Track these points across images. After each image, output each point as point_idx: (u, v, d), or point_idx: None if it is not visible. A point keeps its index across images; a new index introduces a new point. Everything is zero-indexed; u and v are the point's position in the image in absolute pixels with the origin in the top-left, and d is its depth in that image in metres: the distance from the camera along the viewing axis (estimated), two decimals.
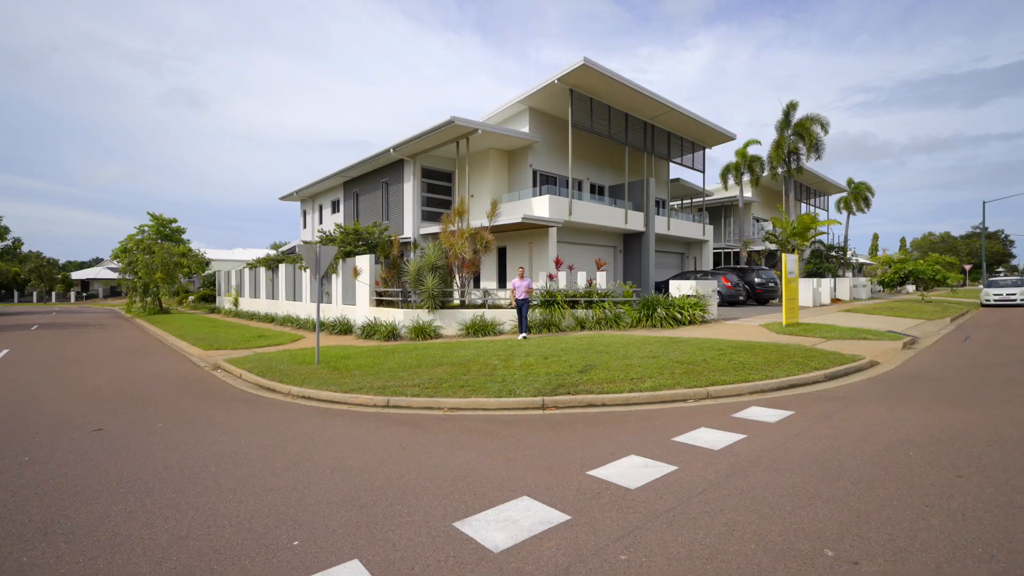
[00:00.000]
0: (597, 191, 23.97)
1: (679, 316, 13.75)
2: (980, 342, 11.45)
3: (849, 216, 43.08)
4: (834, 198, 45.70)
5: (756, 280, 22.34)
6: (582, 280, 15.33)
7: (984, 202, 43.01)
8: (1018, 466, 3.83)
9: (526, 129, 20.37)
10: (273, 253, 26.22)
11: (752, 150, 30.96)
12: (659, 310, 13.78)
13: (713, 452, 4.33)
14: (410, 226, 20.65)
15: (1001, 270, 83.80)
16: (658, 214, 24.18)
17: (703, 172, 26.83)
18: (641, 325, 13.83)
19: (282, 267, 21.53)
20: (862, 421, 5.17)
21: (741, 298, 21.36)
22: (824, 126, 26.46)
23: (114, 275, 33.86)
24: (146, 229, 36.06)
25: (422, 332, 13.02)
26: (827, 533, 2.88)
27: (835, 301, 25.50)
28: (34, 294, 59.09)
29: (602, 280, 15.38)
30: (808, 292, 21.75)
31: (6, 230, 39.75)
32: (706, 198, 30.59)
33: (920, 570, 2.51)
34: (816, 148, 26.69)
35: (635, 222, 22.22)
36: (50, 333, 18.87)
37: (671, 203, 30.05)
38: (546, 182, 21.25)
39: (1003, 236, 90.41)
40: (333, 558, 2.79)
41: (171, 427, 5.77)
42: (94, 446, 5.02)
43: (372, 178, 23.54)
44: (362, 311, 15.31)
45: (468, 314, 13.57)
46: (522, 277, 12.43)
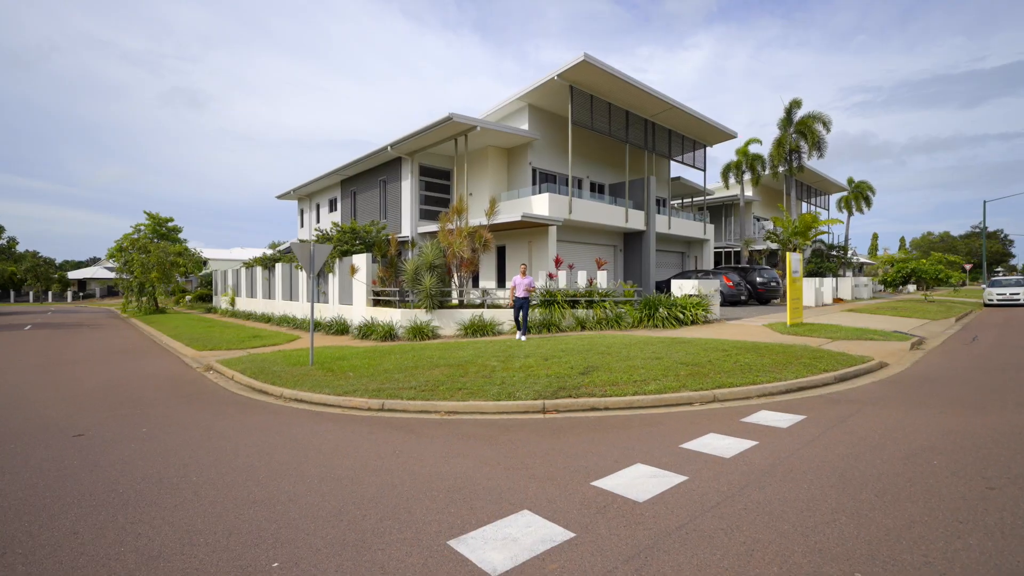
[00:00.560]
0: (597, 189, 23.73)
1: (681, 316, 13.51)
2: (989, 343, 11.22)
3: (850, 215, 42.86)
4: (834, 197, 45.49)
5: (758, 280, 22.12)
6: (582, 279, 15.08)
7: (985, 201, 42.86)
8: None
9: (525, 126, 20.12)
10: (270, 252, 25.95)
11: (753, 149, 30.75)
12: (661, 310, 13.54)
13: (724, 460, 4.09)
14: (408, 225, 20.38)
15: (1000, 270, 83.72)
16: (659, 213, 23.94)
17: (704, 171, 26.60)
18: (643, 325, 13.59)
19: (278, 266, 21.27)
20: (878, 426, 4.93)
21: (743, 298, 21.13)
22: (826, 124, 26.24)
23: (111, 275, 33.61)
24: (142, 228, 35.84)
25: (420, 332, 12.77)
26: (856, 554, 2.64)
27: (837, 301, 25.29)
28: (30, 294, 58.71)
29: (603, 279, 15.14)
30: (810, 292, 21.54)
31: (0, 229, 39.43)
32: (707, 197, 30.37)
33: None
34: (818, 146, 26.45)
35: (636, 221, 21.98)
36: (43, 333, 18.60)
37: (672, 202, 29.81)
38: (546, 180, 21.00)
39: (1003, 236, 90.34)
40: None
41: (156, 432, 5.53)
42: (72, 453, 4.77)
43: (370, 176, 23.28)
44: (359, 311, 15.06)
45: (467, 314, 13.32)
46: (524, 275, 11.96)
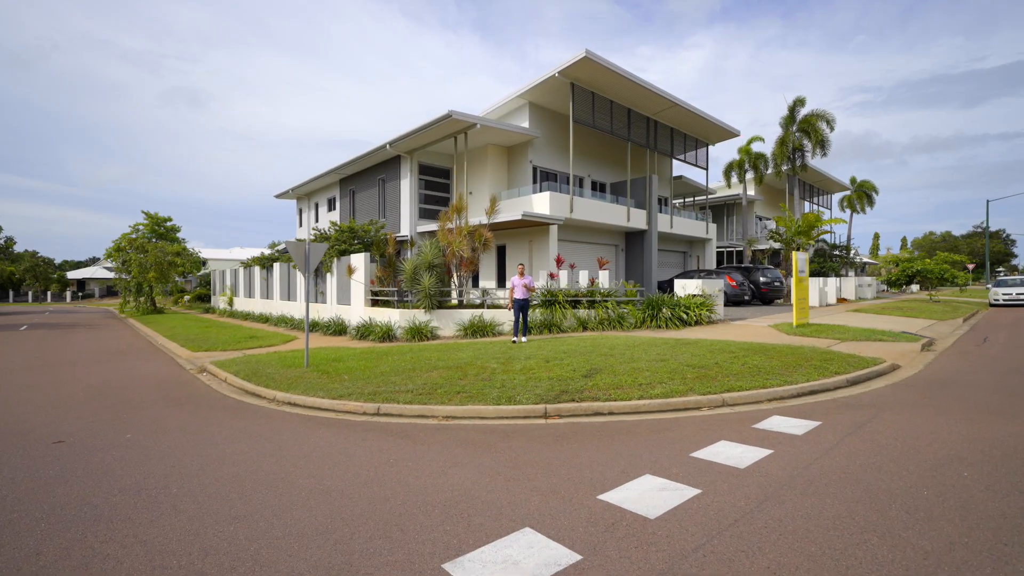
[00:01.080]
0: (598, 188, 23.48)
1: (685, 316, 13.26)
2: (1000, 344, 10.97)
3: (853, 215, 42.59)
4: (837, 196, 45.21)
5: (761, 279, 21.86)
6: (584, 279, 14.84)
7: (988, 201, 42.62)
8: None
9: (526, 124, 19.87)
10: (268, 252, 25.73)
11: (756, 147, 30.46)
12: (664, 310, 13.29)
13: (739, 471, 3.84)
14: (407, 224, 20.14)
15: (1001, 270, 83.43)
16: (661, 212, 23.68)
17: (706, 169, 26.34)
18: (646, 326, 13.34)
19: (276, 266, 21.04)
20: (899, 433, 4.69)
21: (746, 298, 20.88)
22: (830, 123, 25.98)
23: (110, 275, 33.35)
24: (140, 228, 35.63)
25: (418, 333, 12.53)
26: None
27: (841, 301, 25.03)
28: (29, 294, 58.52)
29: (604, 279, 14.90)
30: (814, 292, 21.28)
31: None
32: (709, 196, 30.08)
33: None
34: (822, 145, 26.19)
35: (637, 220, 21.73)
36: (38, 334, 18.36)
37: (673, 201, 29.54)
38: (546, 179, 20.75)
39: (1004, 235, 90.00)
40: None
41: (141, 438, 5.28)
42: (49, 462, 4.53)
43: (368, 175, 23.03)
44: (357, 311, 14.82)
45: (466, 314, 13.08)
46: (522, 275, 11.44)
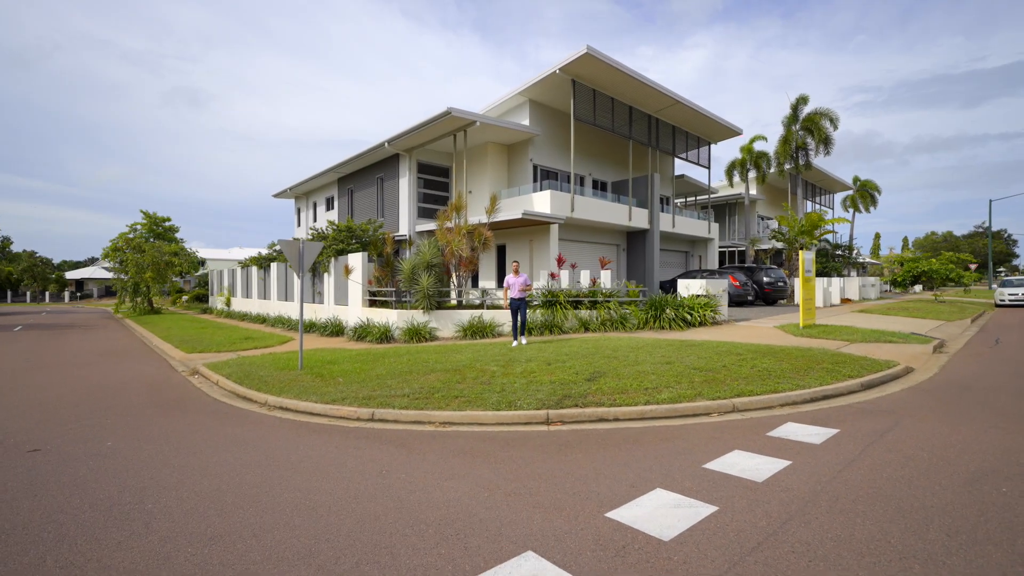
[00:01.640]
0: (599, 187, 23.20)
1: (689, 317, 12.99)
2: (1013, 345, 10.69)
3: (855, 214, 42.29)
4: (839, 196, 44.91)
5: (765, 280, 21.58)
6: (585, 279, 14.57)
7: (991, 201, 42.35)
8: None
9: (526, 122, 19.60)
10: (266, 252, 25.46)
11: (758, 146, 30.16)
12: (668, 311, 13.01)
13: (757, 485, 3.57)
14: (406, 223, 19.87)
15: (1002, 270, 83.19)
16: (663, 211, 23.42)
17: (708, 168, 26.06)
18: (649, 327, 13.07)
19: (274, 266, 20.77)
20: (924, 443, 4.41)
21: (750, 298, 20.60)
22: (834, 121, 25.69)
23: (109, 275, 33.12)
24: (138, 227, 35.39)
25: (416, 334, 12.26)
26: None
27: (845, 301, 24.75)
28: (27, 294, 58.26)
29: (606, 279, 14.63)
30: (818, 292, 20.99)
31: None
32: (711, 196, 29.81)
33: None
34: (825, 143, 25.90)
35: (639, 219, 21.45)
36: (31, 335, 18.10)
37: (675, 200, 29.27)
38: (547, 177, 20.47)
39: (1006, 235, 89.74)
40: None
41: (121, 446, 5.01)
42: (19, 473, 4.26)
43: (367, 174, 22.77)
44: (354, 312, 14.55)
45: (465, 315, 12.81)
46: (517, 273, 10.80)
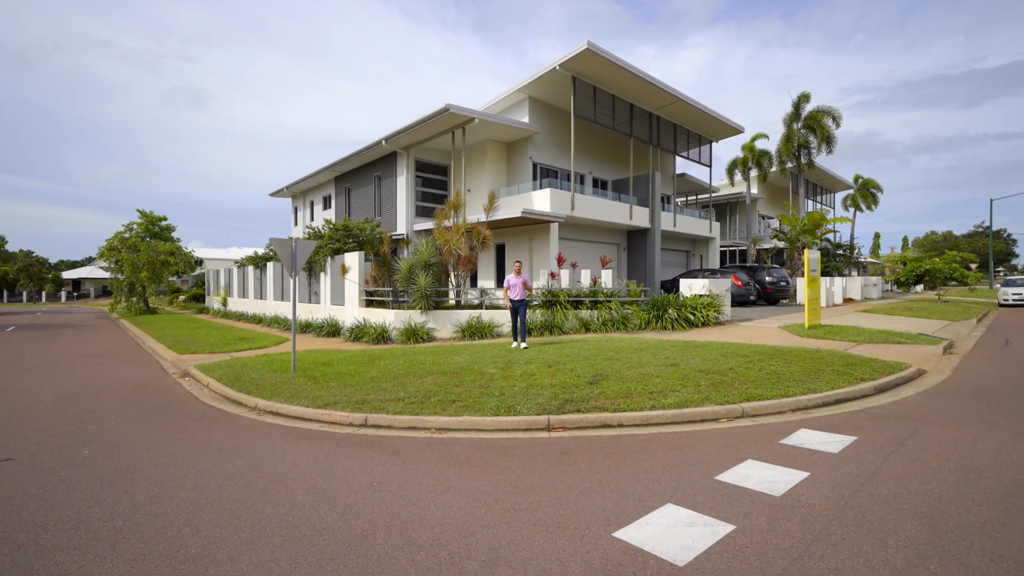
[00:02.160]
0: (600, 185, 22.93)
1: (692, 317, 12.74)
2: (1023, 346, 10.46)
3: (857, 213, 42.07)
4: (840, 195, 44.67)
5: (767, 279, 21.33)
6: (586, 279, 14.31)
7: (992, 200, 42.16)
8: None
9: (526, 119, 19.33)
10: (262, 251, 25.19)
11: (760, 145, 29.91)
12: (670, 311, 12.76)
13: (775, 500, 3.32)
14: (403, 222, 19.61)
15: (1000, 269, 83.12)
16: (663, 210, 23.16)
17: (710, 167, 25.81)
18: (651, 327, 12.82)
19: (270, 266, 20.50)
20: (950, 453, 4.16)
21: (752, 298, 20.35)
22: (836, 119, 25.45)
23: (106, 274, 32.79)
24: (135, 227, 35.10)
25: (414, 335, 12.00)
26: None
27: (847, 301, 24.51)
28: (24, 294, 57.89)
29: (607, 279, 14.37)
30: (822, 292, 20.77)
31: None
32: (712, 195, 29.54)
33: None
34: (828, 142, 25.67)
35: (640, 218, 21.19)
36: (23, 335, 17.81)
37: (676, 199, 29.01)
38: (547, 175, 20.21)
39: (1006, 235, 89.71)
40: None
41: (98, 455, 4.75)
42: None
43: (364, 172, 22.49)
44: (351, 312, 14.29)
45: (464, 315, 12.55)
46: (519, 273, 10.34)
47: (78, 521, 3.31)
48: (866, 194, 41.35)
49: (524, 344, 9.95)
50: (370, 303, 14.22)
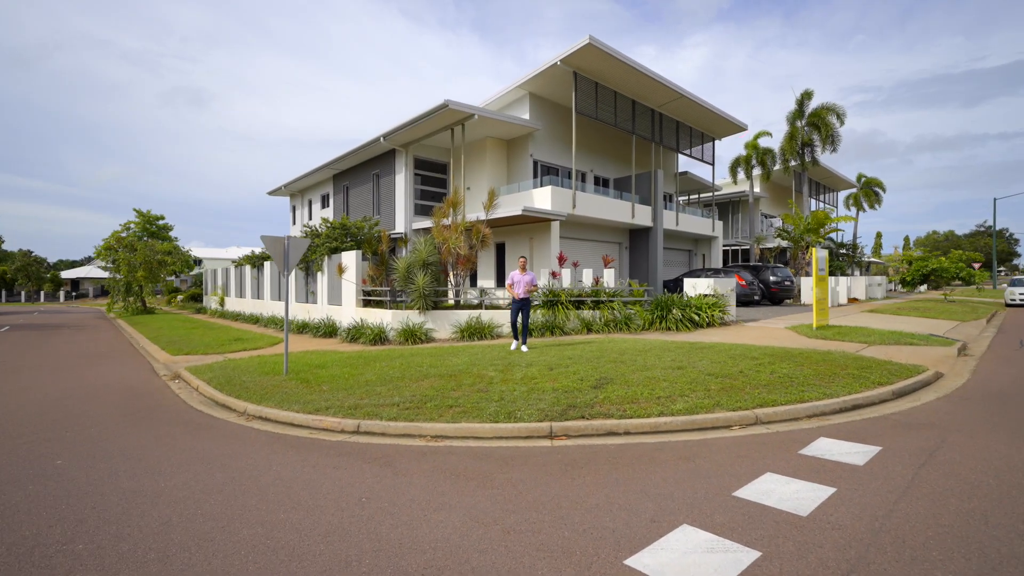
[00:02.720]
0: (601, 183, 22.62)
1: (696, 318, 12.44)
2: None
3: (859, 212, 41.75)
4: (843, 194, 44.34)
5: (771, 279, 21.01)
6: (588, 278, 14.02)
7: (995, 199, 41.78)
8: None
9: (526, 116, 19.02)
10: (259, 251, 24.90)
11: (762, 143, 29.58)
12: (675, 311, 12.46)
13: (802, 521, 3.02)
14: (402, 221, 19.31)
15: (1002, 269, 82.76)
16: (666, 208, 22.83)
17: (712, 165, 25.49)
18: (654, 328, 12.52)
19: (267, 265, 20.22)
20: (984, 465, 3.86)
21: (756, 298, 20.03)
22: (840, 116, 25.11)
23: (105, 274, 32.52)
24: (132, 226, 34.84)
25: (412, 335, 11.70)
26: None
27: (852, 301, 24.19)
28: (22, 293, 57.65)
29: (610, 278, 14.08)
30: (828, 292, 20.45)
31: None
32: (715, 193, 29.22)
33: None
34: (832, 140, 25.35)
35: (642, 216, 20.89)
36: (16, 335, 17.54)
37: (678, 197, 28.69)
38: (547, 173, 19.88)
39: (1008, 234, 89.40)
40: None
41: (72, 465, 4.46)
42: None
43: (362, 170, 22.20)
44: (348, 312, 14.00)
45: (463, 315, 12.26)
46: (524, 270, 9.74)
47: (34, 545, 3.02)
48: (869, 193, 41.03)
49: (525, 346, 9.62)
50: (368, 303, 13.93)
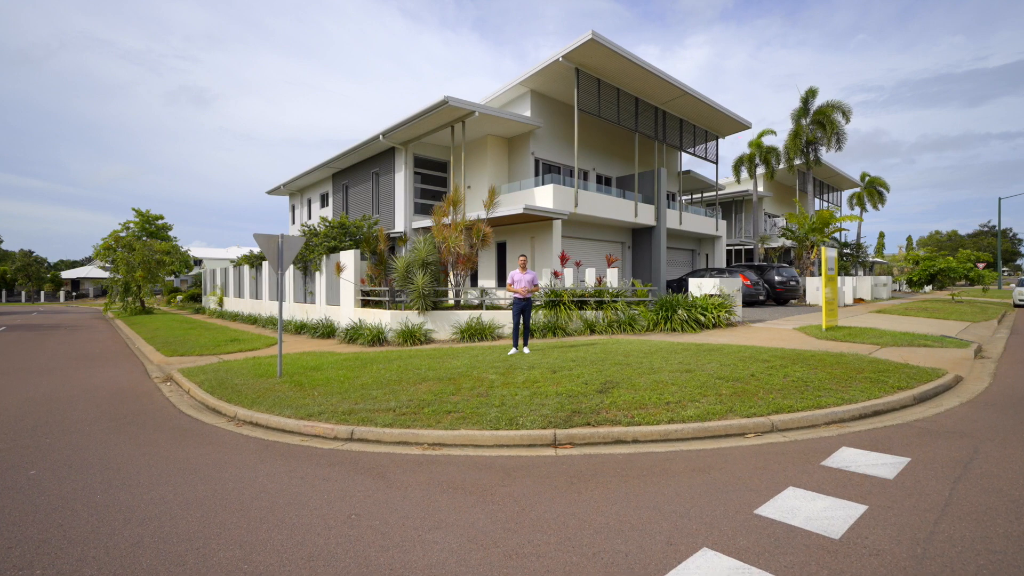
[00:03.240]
0: (604, 182, 22.34)
1: (702, 318, 12.15)
2: None
3: (863, 212, 41.40)
4: (846, 194, 44.02)
5: (776, 279, 20.70)
6: (590, 278, 13.73)
7: (1000, 199, 41.39)
8: None
9: (527, 113, 18.75)
10: (257, 250, 24.66)
11: (766, 141, 29.26)
12: (680, 311, 12.17)
13: (835, 545, 2.73)
14: (402, 220, 19.04)
15: (1005, 269, 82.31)
16: (669, 207, 22.54)
17: (716, 163, 25.19)
18: (659, 328, 12.23)
19: (265, 265, 19.95)
20: None
21: (761, 298, 19.73)
22: (846, 114, 24.79)
23: (105, 274, 32.34)
24: (131, 226, 34.63)
25: (411, 336, 11.43)
26: None
27: (858, 301, 23.86)
28: (22, 293, 57.51)
29: (613, 278, 13.79)
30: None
31: None
32: (718, 192, 28.92)
33: None
34: (837, 138, 25.02)
35: (645, 215, 20.60)
36: (12, 336, 17.30)
37: (681, 197, 28.40)
38: (549, 171, 19.61)
39: (1012, 234, 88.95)
40: None
41: (46, 477, 4.19)
42: None
43: (362, 169, 21.94)
44: (346, 312, 13.73)
45: (463, 316, 11.98)
46: (524, 269, 9.36)
47: None
48: (872, 192, 40.69)
49: (527, 348, 9.31)
50: (366, 303, 13.67)
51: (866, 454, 4.14)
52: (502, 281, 18.70)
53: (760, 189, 32.54)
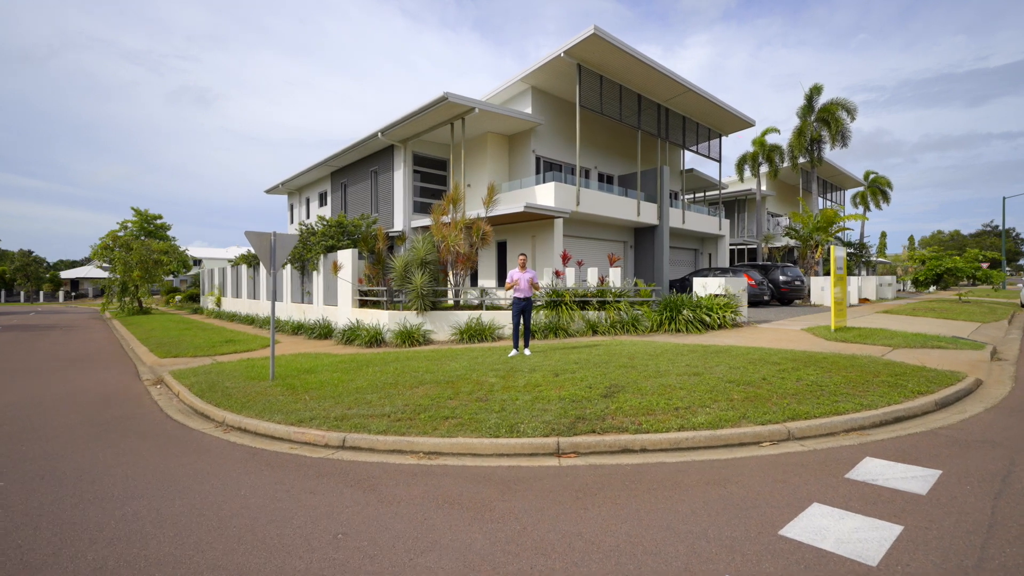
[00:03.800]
0: (606, 180, 22.06)
1: (707, 319, 11.86)
2: None
3: (866, 211, 41.08)
4: (849, 193, 43.71)
5: (781, 278, 20.39)
6: (593, 277, 13.45)
7: (1004, 198, 41.04)
8: None
9: (528, 110, 18.46)
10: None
11: (770, 139, 28.94)
12: (684, 312, 11.88)
13: (872, 572, 2.45)
14: (400, 218, 18.77)
15: (1008, 269, 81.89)
16: (672, 206, 22.24)
17: (719, 162, 24.90)
18: (663, 329, 11.95)
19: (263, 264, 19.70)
20: None
21: (765, 298, 19.42)
22: (851, 111, 24.46)
23: (105, 274, 32.10)
24: (129, 225, 34.44)
25: (409, 337, 11.15)
26: None
27: (863, 301, 23.55)
28: (21, 294, 57.31)
29: (616, 277, 13.51)
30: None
31: None
32: (721, 191, 28.60)
33: None
34: (842, 136, 24.70)
35: (648, 214, 20.30)
36: (6, 337, 17.06)
37: (684, 195, 28.10)
38: (550, 169, 19.33)
39: (1015, 234, 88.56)
40: None
41: (13, 490, 3.92)
42: None
43: (360, 167, 21.66)
44: (344, 312, 13.46)
45: (463, 316, 11.71)
46: (524, 268, 9.07)
47: None
48: (876, 191, 40.38)
49: (528, 349, 9.03)
50: (364, 303, 13.40)
51: (893, 465, 3.85)
52: (502, 281, 18.41)
53: (763, 188, 32.24)
